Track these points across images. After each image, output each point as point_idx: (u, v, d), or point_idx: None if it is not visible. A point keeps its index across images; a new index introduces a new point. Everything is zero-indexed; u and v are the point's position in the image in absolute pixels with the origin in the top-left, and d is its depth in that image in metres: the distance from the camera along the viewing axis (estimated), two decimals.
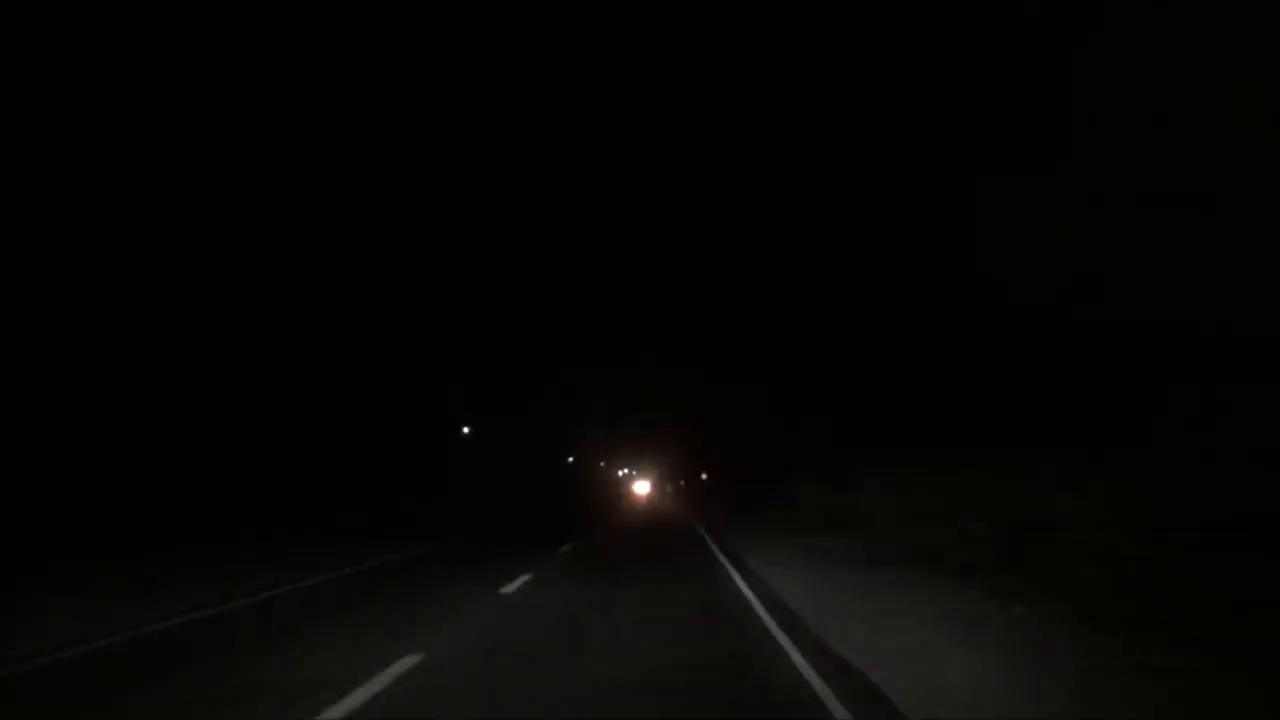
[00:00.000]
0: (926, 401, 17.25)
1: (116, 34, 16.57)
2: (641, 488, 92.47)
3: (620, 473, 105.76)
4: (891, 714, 5.43)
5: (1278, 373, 8.44)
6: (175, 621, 9.14)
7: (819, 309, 23.96)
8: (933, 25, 14.91)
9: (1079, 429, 11.38)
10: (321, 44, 22.96)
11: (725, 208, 35.55)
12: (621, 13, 26.24)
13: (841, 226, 21.18)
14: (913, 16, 15.46)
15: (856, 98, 18.22)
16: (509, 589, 11.75)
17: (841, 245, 21.45)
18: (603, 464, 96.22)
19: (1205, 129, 9.02)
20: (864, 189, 18.94)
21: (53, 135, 15.84)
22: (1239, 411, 8.76)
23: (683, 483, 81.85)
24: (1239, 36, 8.50)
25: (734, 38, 26.42)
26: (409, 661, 6.75)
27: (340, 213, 25.03)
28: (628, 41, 28.67)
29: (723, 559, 16.69)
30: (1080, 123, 11.09)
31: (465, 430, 35.92)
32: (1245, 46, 8.49)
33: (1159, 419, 9.99)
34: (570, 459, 70.97)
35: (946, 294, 15.98)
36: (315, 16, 21.35)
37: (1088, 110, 10.89)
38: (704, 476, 66.92)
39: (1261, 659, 6.37)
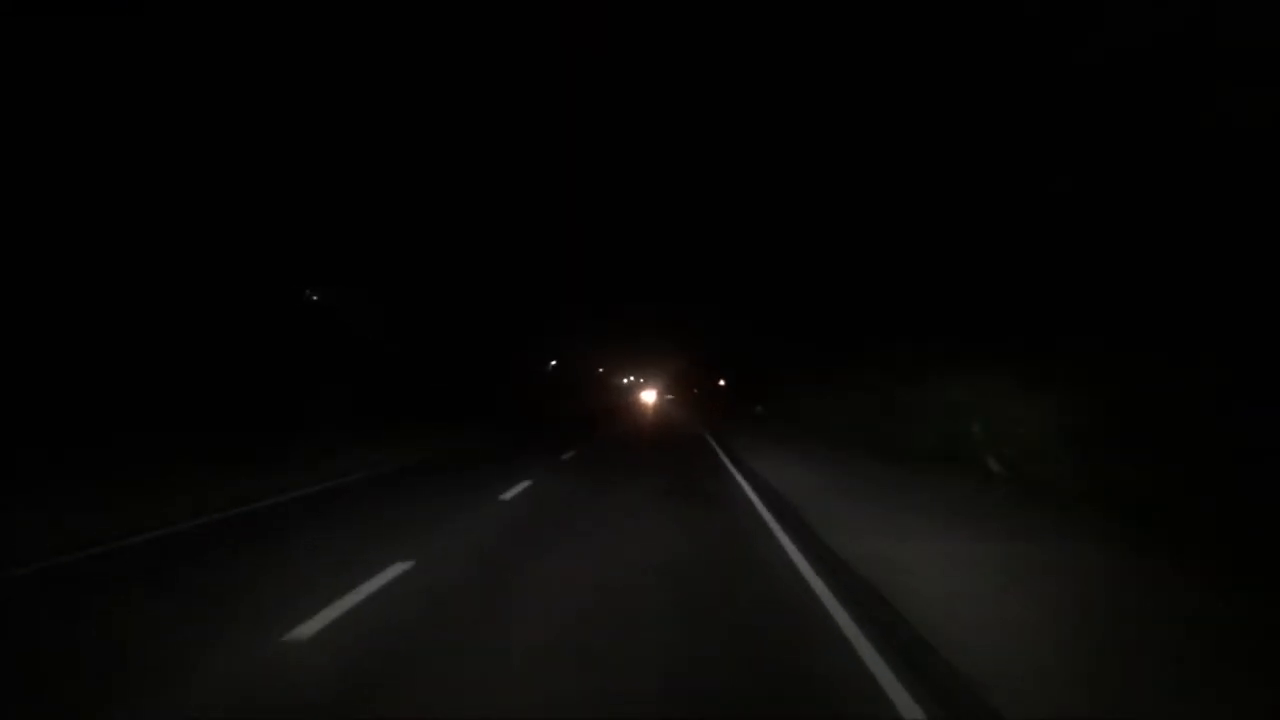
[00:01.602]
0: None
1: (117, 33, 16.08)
2: (648, 396, 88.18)
3: (624, 380, 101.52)
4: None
5: None
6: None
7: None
8: None
9: None
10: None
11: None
12: None
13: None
14: None
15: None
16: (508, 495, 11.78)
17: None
18: (600, 370, 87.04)
19: None
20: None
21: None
22: None
23: (696, 390, 75.86)
24: None
25: None
26: (402, 566, 6.94)
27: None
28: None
29: (725, 459, 16.83)
30: None
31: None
32: None
33: None
34: (554, 363, 62.36)
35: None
36: None
37: None
38: (721, 383, 59.89)
39: None
